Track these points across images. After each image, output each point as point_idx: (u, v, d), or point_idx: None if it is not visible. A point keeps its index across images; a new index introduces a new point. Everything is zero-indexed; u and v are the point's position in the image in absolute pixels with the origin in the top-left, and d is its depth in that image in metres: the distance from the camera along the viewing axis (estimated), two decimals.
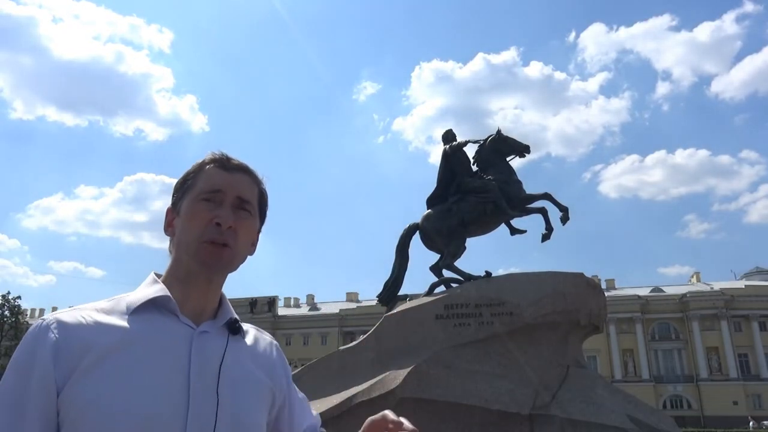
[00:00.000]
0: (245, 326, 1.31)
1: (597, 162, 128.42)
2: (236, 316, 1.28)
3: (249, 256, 1.30)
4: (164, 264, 1.31)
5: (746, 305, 55.94)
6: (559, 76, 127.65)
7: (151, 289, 1.20)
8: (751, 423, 41.85)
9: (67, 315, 1.11)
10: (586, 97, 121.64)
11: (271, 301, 65.93)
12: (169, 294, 1.18)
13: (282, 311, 67.98)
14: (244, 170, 1.29)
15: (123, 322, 1.13)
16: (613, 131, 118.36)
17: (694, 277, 66.09)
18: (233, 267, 1.25)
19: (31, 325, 1.15)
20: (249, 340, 1.30)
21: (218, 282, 1.26)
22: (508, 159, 9.99)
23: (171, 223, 1.29)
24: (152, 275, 1.26)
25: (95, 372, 1.04)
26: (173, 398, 1.08)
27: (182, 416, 1.07)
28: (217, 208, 1.22)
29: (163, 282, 1.23)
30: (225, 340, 1.22)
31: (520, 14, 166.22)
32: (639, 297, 58.63)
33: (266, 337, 1.38)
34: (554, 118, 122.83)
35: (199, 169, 1.28)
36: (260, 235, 1.34)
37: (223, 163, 1.28)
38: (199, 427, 1.08)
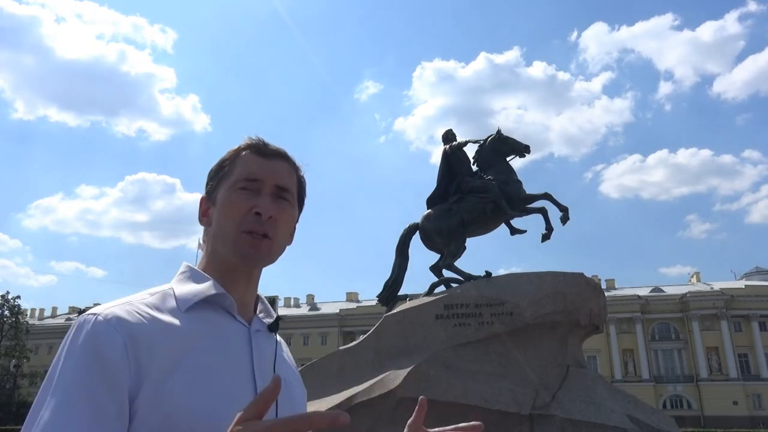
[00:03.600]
0: None
1: (600, 162, 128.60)
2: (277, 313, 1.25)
3: (287, 246, 1.23)
4: (165, 264, 1.28)
5: (746, 305, 55.93)
6: (563, 76, 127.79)
7: (201, 285, 1.13)
8: None
9: (122, 311, 1.02)
10: (589, 97, 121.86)
11: (271, 301, 65.11)
12: (224, 291, 1.12)
13: (282, 311, 67.95)
14: (282, 156, 1.22)
15: (181, 321, 1.06)
16: (616, 131, 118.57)
17: (694, 277, 66.09)
18: (273, 259, 1.18)
19: (31, 324, 1.10)
20: (278, 337, 1.27)
21: (257, 275, 1.21)
22: (508, 159, 9.99)
23: (206, 212, 1.21)
24: (187, 267, 1.20)
25: (172, 379, 0.99)
26: (245, 402, 1.03)
27: None
28: (256, 197, 1.15)
29: None
30: (273, 339, 1.20)
31: (522, 13, 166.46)
32: (639, 297, 58.62)
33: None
34: (557, 118, 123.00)
35: (236, 155, 1.20)
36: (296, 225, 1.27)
37: (260, 148, 1.20)
38: None
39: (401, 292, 9.85)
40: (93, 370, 0.95)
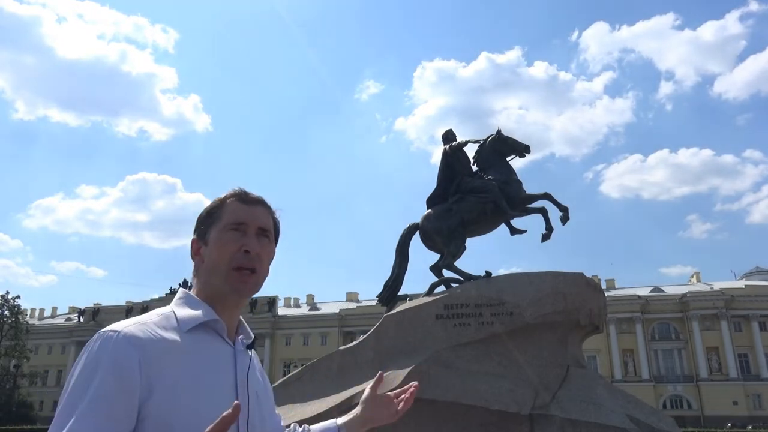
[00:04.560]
0: None
1: (601, 162, 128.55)
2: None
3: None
4: (166, 263, 1.37)
5: (746, 305, 55.95)
6: (564, 76, 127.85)
7: (198, 310, 1.36)
8: None
9: (138, 330, 1.24)
10: (590, 97, 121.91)
11: (271, 301, 65.91)
12: (217, 317, 1.37)
13: (282, 311, 67.97)
14: (261, 203, 1.51)
15: (182, 341, 1.28)
16: (617, 131, 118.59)
17: (694, 277, 66.11)
18: (258, 289, 1.46)
19: (31, 324, 1.19)
20: (252, 354, 1.50)
21: (243, 303, 1.48)
22: (508, 159, 9.99)
23: (198, 251, 1.46)
24: (184, 293, 1.43)
25: (173, 393, 1.19)
26: None
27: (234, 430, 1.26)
28: (244, 237, 1.42)
29: None
30: (248, 356, 1.43)
31: (523, 13, 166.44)
32: (639, 297, 58.63)
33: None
34: (558, 118, 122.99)
35: (222, 203, 1.48)
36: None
37: (242, 197, 1.48)
38: None
39: (401, 292, 9.84)
40: (115, 383, 1.15)
